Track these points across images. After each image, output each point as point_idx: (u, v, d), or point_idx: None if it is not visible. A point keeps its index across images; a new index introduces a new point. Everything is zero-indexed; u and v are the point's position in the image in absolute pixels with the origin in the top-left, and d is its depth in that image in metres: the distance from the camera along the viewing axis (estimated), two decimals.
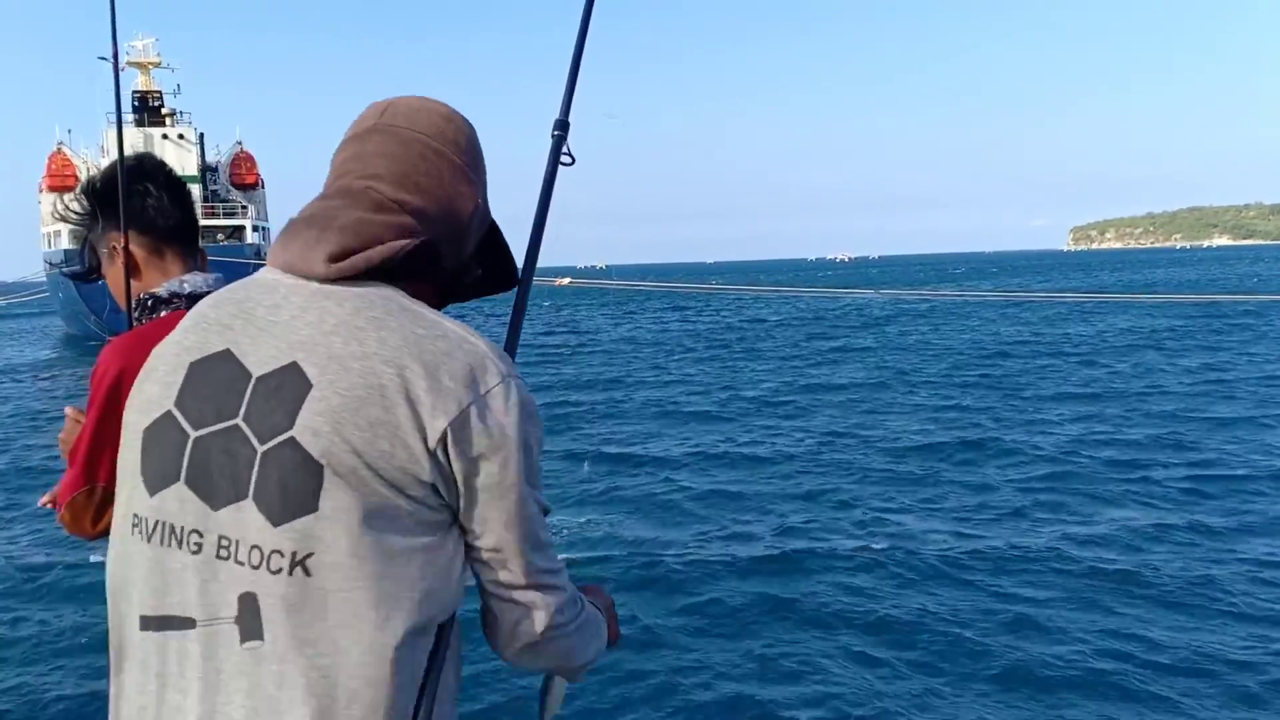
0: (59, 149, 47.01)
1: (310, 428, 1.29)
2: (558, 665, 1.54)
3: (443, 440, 1.31)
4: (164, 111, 48.48)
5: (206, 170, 47.92)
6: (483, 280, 1.69)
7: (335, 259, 1.38)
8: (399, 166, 1.49)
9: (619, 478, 12.12)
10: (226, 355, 1.36)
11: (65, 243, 41.86)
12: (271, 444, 1.30)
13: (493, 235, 1.68)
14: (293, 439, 1.29)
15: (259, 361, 1.34)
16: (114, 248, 2.33)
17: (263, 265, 1.51)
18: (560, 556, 1.49)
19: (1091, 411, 15.95)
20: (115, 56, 2.46)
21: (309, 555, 1.29)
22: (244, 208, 48.18)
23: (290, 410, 1.30)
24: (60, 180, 45.06)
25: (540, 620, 1.44)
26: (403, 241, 1.42)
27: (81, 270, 2.43)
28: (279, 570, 1.29)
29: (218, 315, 1.41)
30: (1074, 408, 16.46)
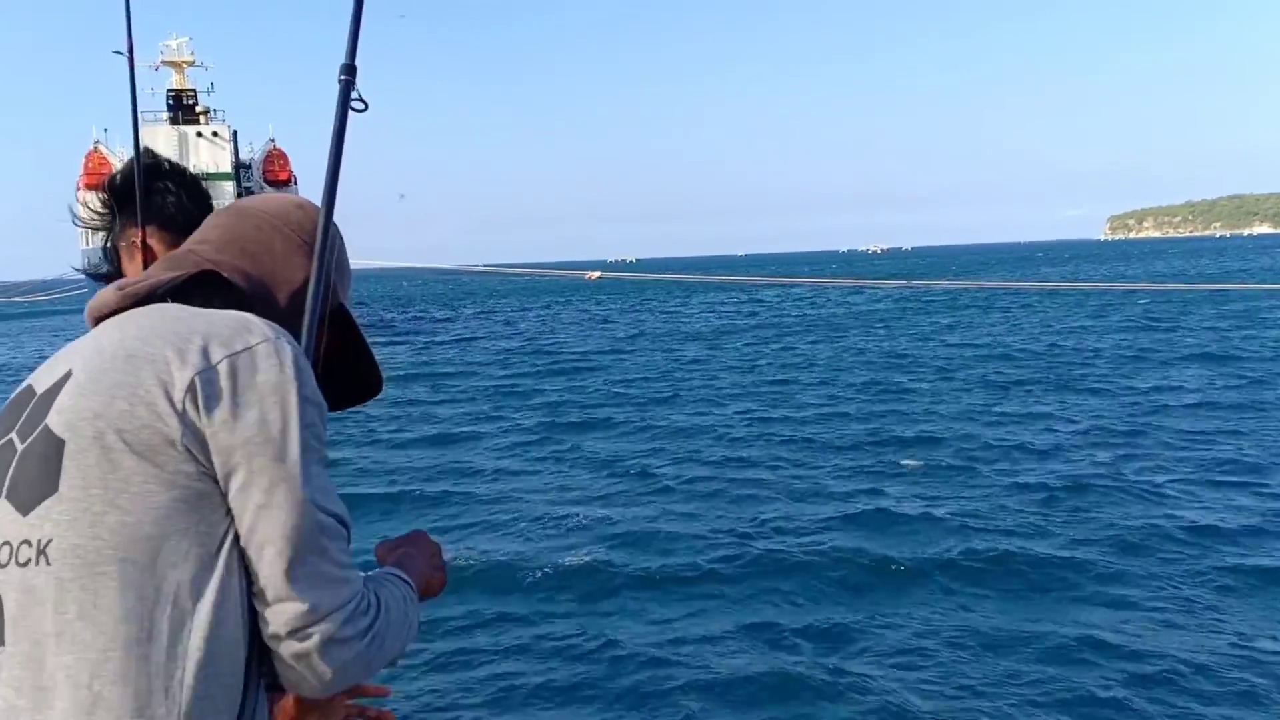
0: (95, 147, 47.46)
1: (58, 409, 1.27)
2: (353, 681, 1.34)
3: (190, 392, 1.24)
4: (198, 109, 48.92)
5: (240, 167, 48.29)
6: (342, 382, 1.65)
7: (123, 288, 1.42)
8: (229, 234, 1.54)
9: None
10: (28, 389, 1.36)
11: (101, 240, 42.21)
12: (30, 439, 1.27)
13: (348, 330, 1.64)
14: (45, 426, 1.26)
15: (44, 381, 1.34)
16: (133, 244, 2.35)
17: None
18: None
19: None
20: (130, 50, 2.52)
21: (49, 541, 1.21)
22: None
23: (51, 405, 1.29)
24: (97, 178, 45.27)
25: (312, 642, 1.25)
26: (173, 273, 1.44)
27: (104, 271, 2.43)
28: (26, 562, 1.21)
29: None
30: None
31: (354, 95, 1.69)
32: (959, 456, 12.13)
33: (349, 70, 1.70)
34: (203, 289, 1.43)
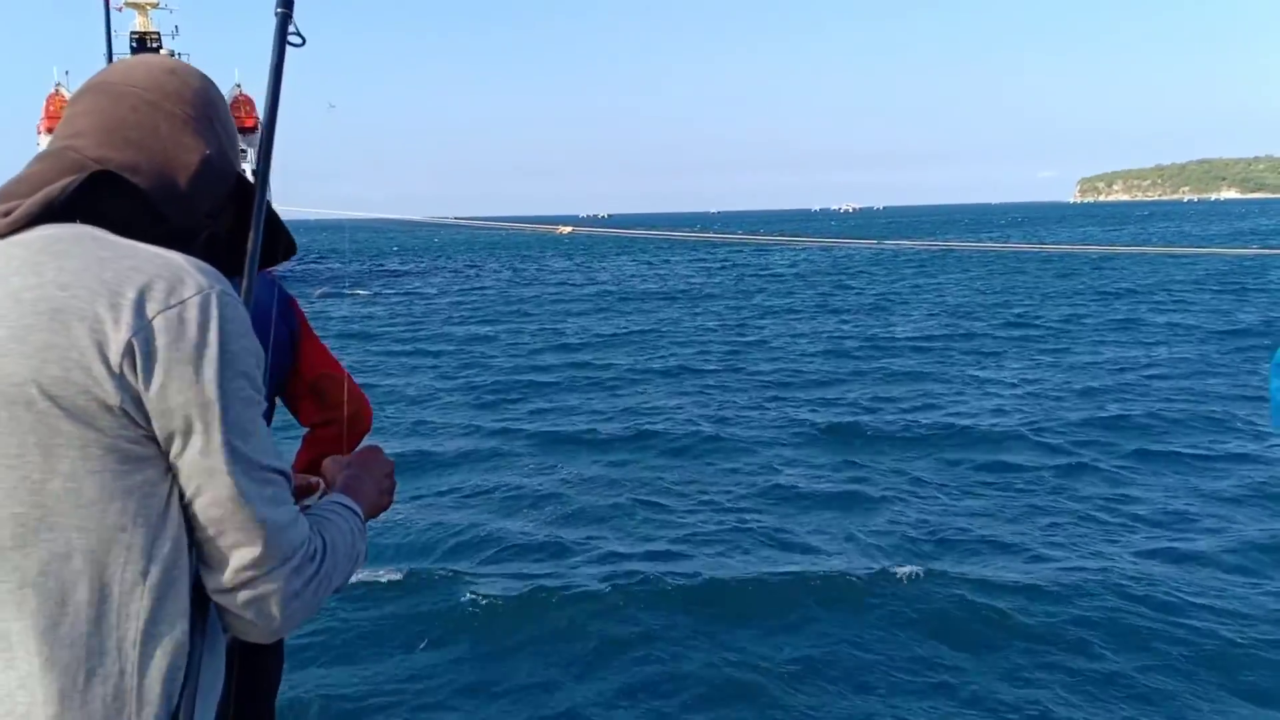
0: (57, 90, 46.62)
1: None
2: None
3: (127, 354, 1.18)
4: (162, 53, 48.07)
5: None
6: (241, 248, 1.55)
7: (6, 214, 1.29)
8: (104, 121, 1.38)
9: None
10: None
11: None
12: None
13: (245, 194, 1.55)
14: None
15: None
16: None
17: None
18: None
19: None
20: None
21: None
22: (243, 151, 47.89)
23: None
24: (58, 121, 44.70)
25: (259, 591, 1.27)
26: (64, 180, 1.31)
27: None
28: None
29: None
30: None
31: (291, 29, 1.68)
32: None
33: (286, 4, 1.69)
34: (96, 191, 1.33)
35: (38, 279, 1.20)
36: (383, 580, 6.74)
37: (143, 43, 47.73)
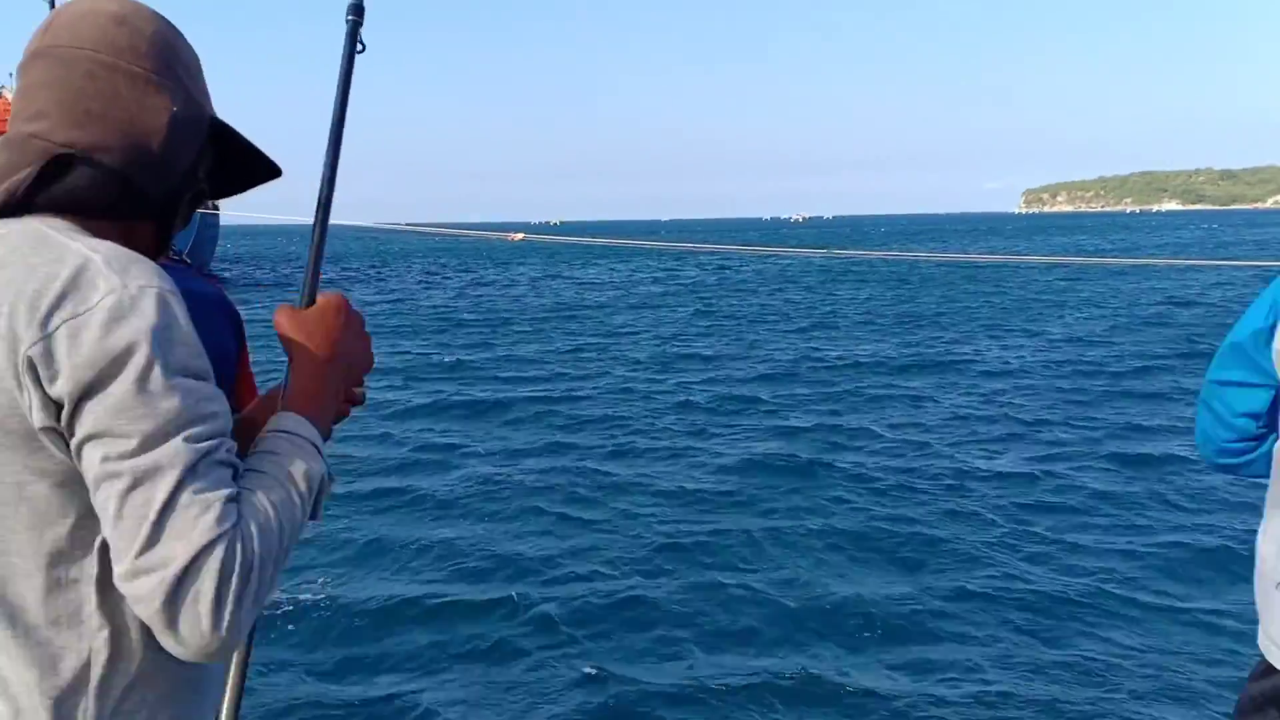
0: (2, 94, 45.72)
1: None
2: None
3: (30, 370, 1.12)
4: None
5: None
6: (231, 179, 1.51)
7: None
8: (62, 94, 1.27)
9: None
10: None
11: None
12: None
13: (222, 136, 1.46)
14: None
15: None
16: None
17: None
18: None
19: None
20: None
21: None
22: None
23: None
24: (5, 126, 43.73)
25: (165, 614, 1.09)
26: (20, 174, 1.24)
27: None
28: None
29: None
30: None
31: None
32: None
33: (357, 10, 1.64)
34: (60, 175, 1.26)
35: None
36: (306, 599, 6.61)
37: None
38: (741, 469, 9.91)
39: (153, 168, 1.32)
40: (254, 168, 1.54)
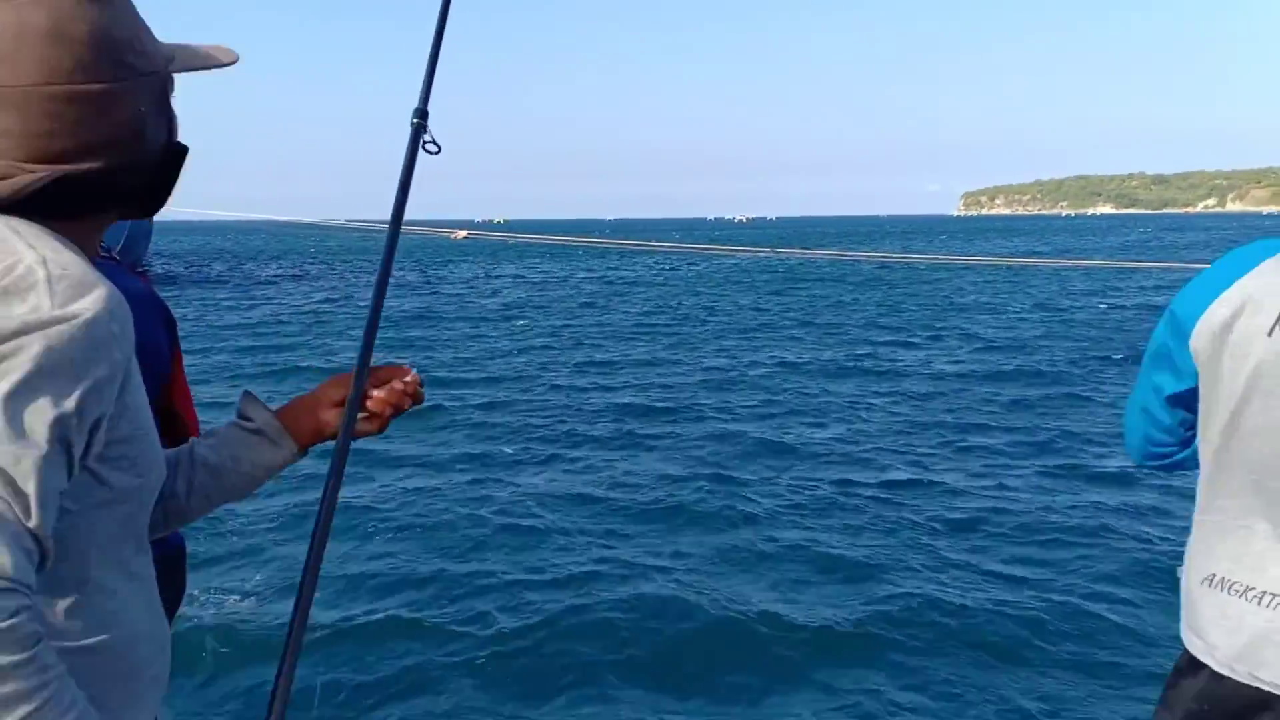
0: None
1: None
2: None
3: None
4: None
5: None
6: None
7: None
8: (31, 140, 1.23)
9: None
10: None
11: None
12: None
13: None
14: None
15: None
16: None
17: None
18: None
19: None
20: None
21: None
22: None
23: None
24: None
25: None
26: (20, 181, 1.23)
27: None
28: None
29: None
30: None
31: (427, 138, 1.83)
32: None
33: (422, 114, 1.83)
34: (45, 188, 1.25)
35: None
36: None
37: None
38: (673, 477, 9.78)
39: (142, 167, 1.34)
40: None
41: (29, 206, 1.24)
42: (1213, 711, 1.97)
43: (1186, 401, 2.07)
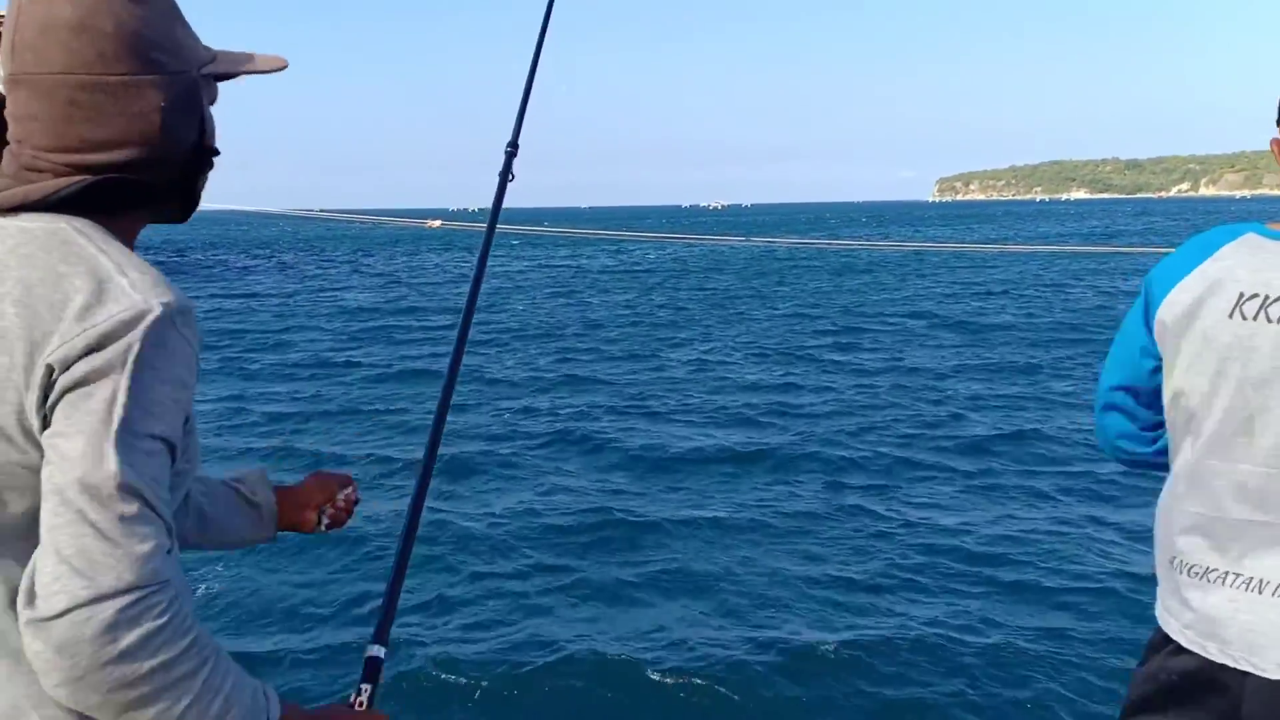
0: None
1: None
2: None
3: (46, 378, 1.16)
4: None
5: None
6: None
7: None
8: (54, 128, 1.28)
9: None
10: None
11: None
12: None
13: (220, 75, 1.44)
14: None
15: None
16: None
17: None
18: None
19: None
20: None
21: None
22: None
23: None
24: None
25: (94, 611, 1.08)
26: (62, 181, 1.27)
27: None
28: None
29: None
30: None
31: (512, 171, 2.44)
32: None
33: (514, 145, 2.42)
34: (84, 189, 1.28)
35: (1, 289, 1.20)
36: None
37: None
38: (637, 470, 9.65)
39: (161, 165, 1.34)
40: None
41: (65, 205, 1.27)
42: (1181, 683, 2.03)
43: (1155, 390, 2.10)
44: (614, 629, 6.08)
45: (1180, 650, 2.03)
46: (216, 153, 1.44)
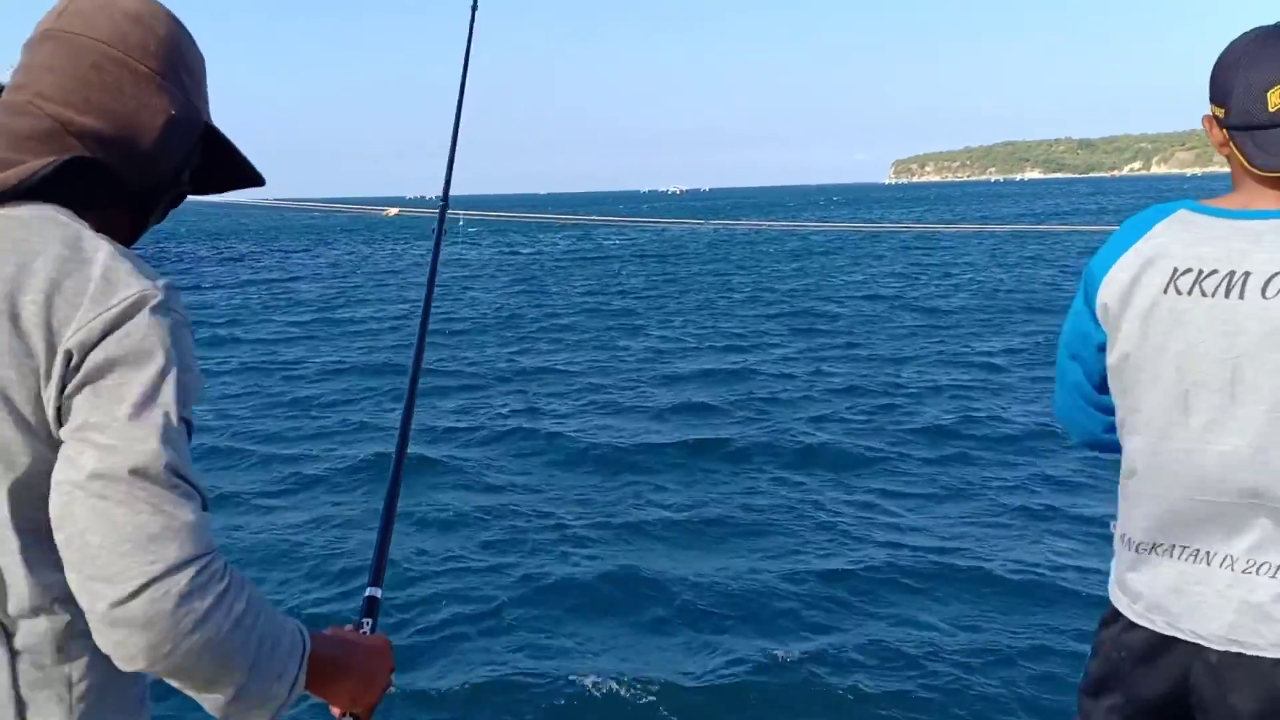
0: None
1: None
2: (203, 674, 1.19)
3: (65, 363, 1.18)
4: None
5: None
6: (214, 181, 1.56)
7: None
8: (67, 81, 1.32)
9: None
10: None
11: None
12: None
13: (214, 142, 1.50)
14: None
15: None
16: None
17: None
18: None
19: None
20: None
21: None
22: None
23: None
24: None
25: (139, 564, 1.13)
26: (40, 162, 1.27)
27: None
28: None
29: None
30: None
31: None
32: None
33: (445, 201, 2.49)
34: (64, 170, 1.29)
35: None
36: None
37: None
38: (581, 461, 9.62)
39: (140, 163, 1.37)
40: (238, 175, 1.58)
41: (37, 193, 1.27)
42: (1128, 658, 2.09)
43: (1104, 371, 2.12)
44: (562, 628, 6.02)
45: (1132, 626, 2.08)
46: (185, 194, 1.50)
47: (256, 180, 1.60)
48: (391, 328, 19.70)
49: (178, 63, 1.39)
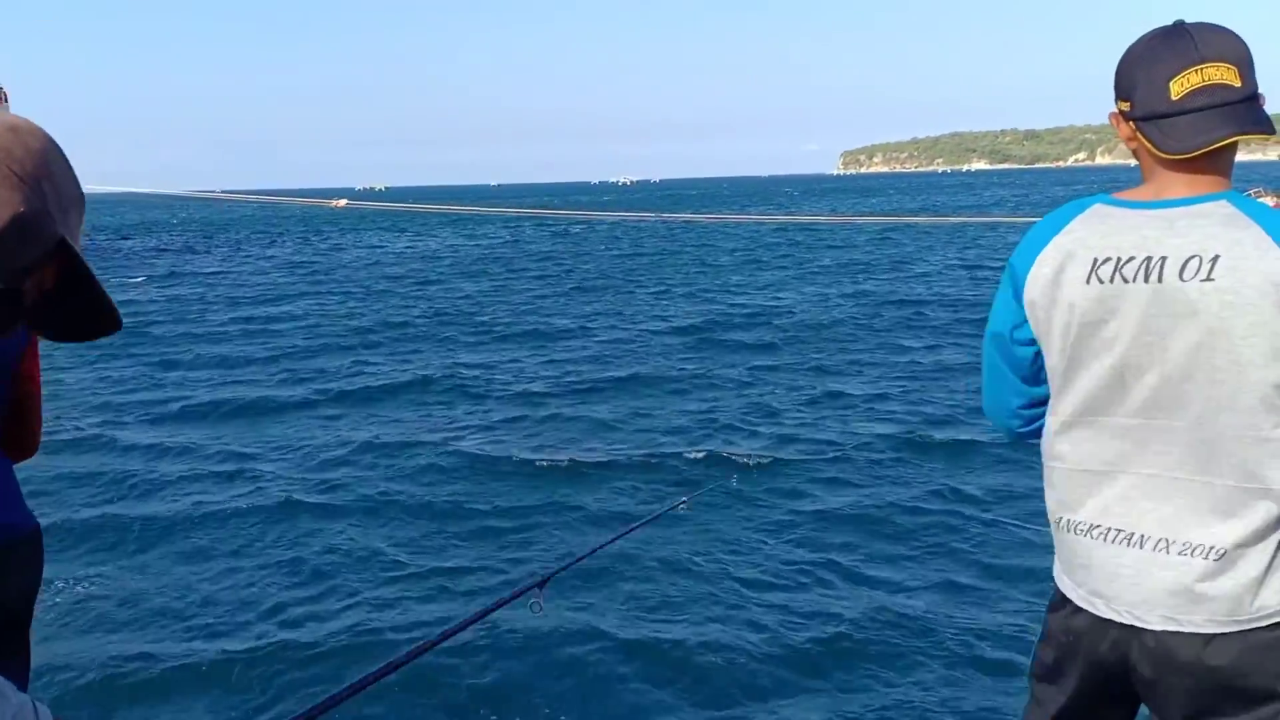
0: None
1: None
2: None
3: None
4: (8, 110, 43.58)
5: None
6: (69, 320, 1.49)
7: None
8: None
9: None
10: None
11: None
12: None
13: (72, 271, 1.44)
14: None
15: None
16: None
17: None
18: None
19: None
20: None
21: None
22: None
23: None
24: None
25: None
26: None
27: None
28: None
29: None
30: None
31: None
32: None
33: None
34: None
35: None
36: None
37: None
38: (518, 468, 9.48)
39: None
40: (96, 316, 1.50)
41: None
42: (1077, 642, 2.15)
43: (1030, 361, 2.21)
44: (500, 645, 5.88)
45: (1077, 610, 2.14)
46: (21, 304, 1.42)
47: (115, 323, 1.51)
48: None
49: (42, 174, 1.39)
